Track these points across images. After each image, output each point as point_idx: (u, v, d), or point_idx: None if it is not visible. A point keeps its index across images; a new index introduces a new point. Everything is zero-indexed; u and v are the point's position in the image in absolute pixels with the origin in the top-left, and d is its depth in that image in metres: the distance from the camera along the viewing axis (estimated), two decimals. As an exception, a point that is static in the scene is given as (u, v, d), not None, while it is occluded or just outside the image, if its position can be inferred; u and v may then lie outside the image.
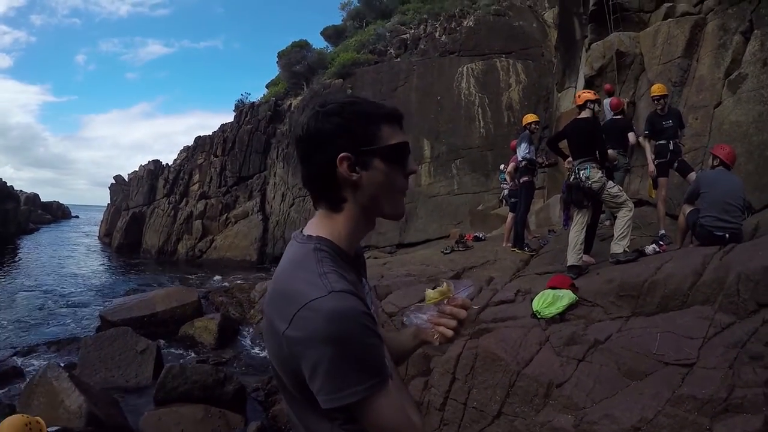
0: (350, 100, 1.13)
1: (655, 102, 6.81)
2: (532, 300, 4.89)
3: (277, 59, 29.03)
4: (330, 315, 0.95)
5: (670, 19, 9.50)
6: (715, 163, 5.79)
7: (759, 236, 5.17)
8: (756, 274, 3.81)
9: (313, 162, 1.11)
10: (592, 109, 6.02)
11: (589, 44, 11.17)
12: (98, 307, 13.52)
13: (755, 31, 7.96)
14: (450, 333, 1.21)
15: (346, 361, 0.96)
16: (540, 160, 8.43)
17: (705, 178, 5.67)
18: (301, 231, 1.18)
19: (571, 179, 5.85)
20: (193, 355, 9.01)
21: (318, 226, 1.15)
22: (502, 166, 10.89)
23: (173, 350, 9.25)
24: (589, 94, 6.16)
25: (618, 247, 5.65)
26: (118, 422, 5.78)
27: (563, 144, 6.29)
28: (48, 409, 5.39)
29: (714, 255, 4.57)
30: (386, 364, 1.04)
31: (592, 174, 5.68)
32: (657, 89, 6.89)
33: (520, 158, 8.05)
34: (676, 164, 6.69)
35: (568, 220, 7.48)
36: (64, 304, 14.45)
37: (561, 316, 4.63)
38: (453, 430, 4.14)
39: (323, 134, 1.09)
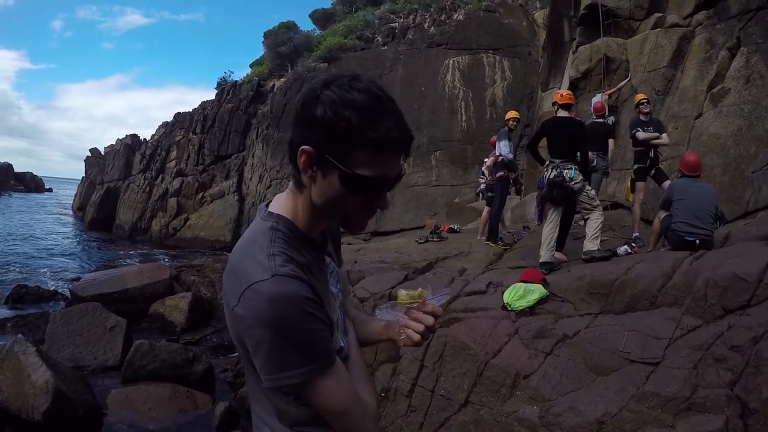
0: (359, 102, 0.99)
1: (641, 106, 6.91)
2: (503, 292, 4.92)
3: (263, 39, 28.75)
4: (270, 299, 0.96)
5: (658, 29, 9.67)
6: (680, 175, 5.94)
7: (729, 245, 5.28)
8: (724, 280, 3.89)
9: (292, 131, 1.05)
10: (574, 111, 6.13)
11: (577, 47, 11.29)
12: (68, 282, 13.29)
13: (742, 48, 8.14)
14: (417, 337, 1.20)
15: (285, 344, 0.98)
16: (515, 175, 8.44)
17: (677, 186, 5.75)
18: (267, 205, 1.17)
19: (551, 176, 5.86)
20: (162, 333, 8.93)
21: (283, 202, 1.14)
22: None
23: (143, 328, 9.17)
24: (570, 96, 6.27)
25: (592, 244, 5.75)
26: (85, 399, 5.71)
27: (542, 144, 6.27)
28: (14, 385, 5.30)
29: (684, 259, 4.65)
30: (330, 348, 1.05)
31: (575, 175, 5.78)
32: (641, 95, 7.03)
33: (498, 154, 8.09)
34: (653, 171, 6.81)
35: (542, 216, 7.55)
36: (32, 278, 14.15)
37: (531, 310, 4.68)
38: (420, 417, 4.17)
39: (307, 114, 1.00)
